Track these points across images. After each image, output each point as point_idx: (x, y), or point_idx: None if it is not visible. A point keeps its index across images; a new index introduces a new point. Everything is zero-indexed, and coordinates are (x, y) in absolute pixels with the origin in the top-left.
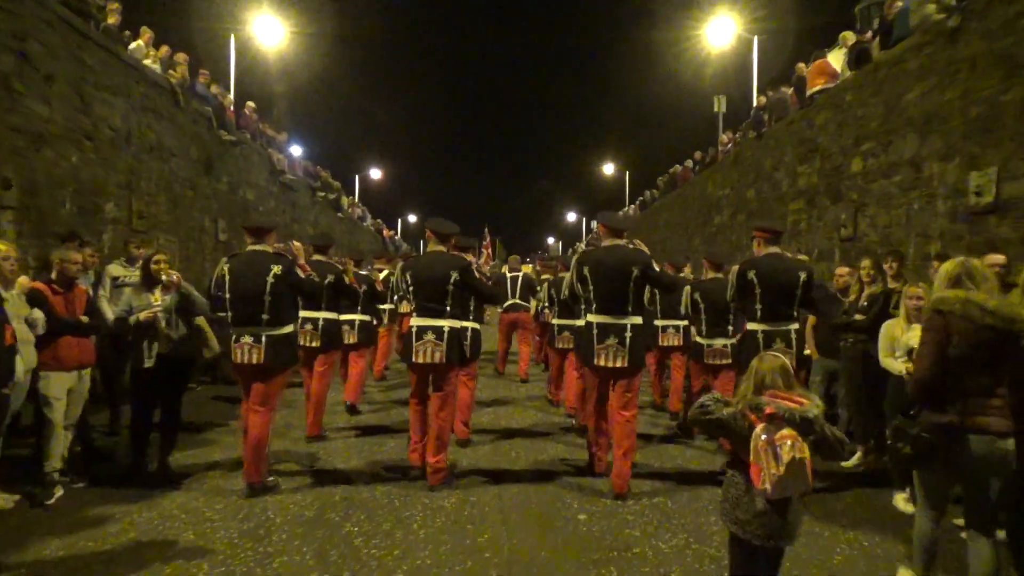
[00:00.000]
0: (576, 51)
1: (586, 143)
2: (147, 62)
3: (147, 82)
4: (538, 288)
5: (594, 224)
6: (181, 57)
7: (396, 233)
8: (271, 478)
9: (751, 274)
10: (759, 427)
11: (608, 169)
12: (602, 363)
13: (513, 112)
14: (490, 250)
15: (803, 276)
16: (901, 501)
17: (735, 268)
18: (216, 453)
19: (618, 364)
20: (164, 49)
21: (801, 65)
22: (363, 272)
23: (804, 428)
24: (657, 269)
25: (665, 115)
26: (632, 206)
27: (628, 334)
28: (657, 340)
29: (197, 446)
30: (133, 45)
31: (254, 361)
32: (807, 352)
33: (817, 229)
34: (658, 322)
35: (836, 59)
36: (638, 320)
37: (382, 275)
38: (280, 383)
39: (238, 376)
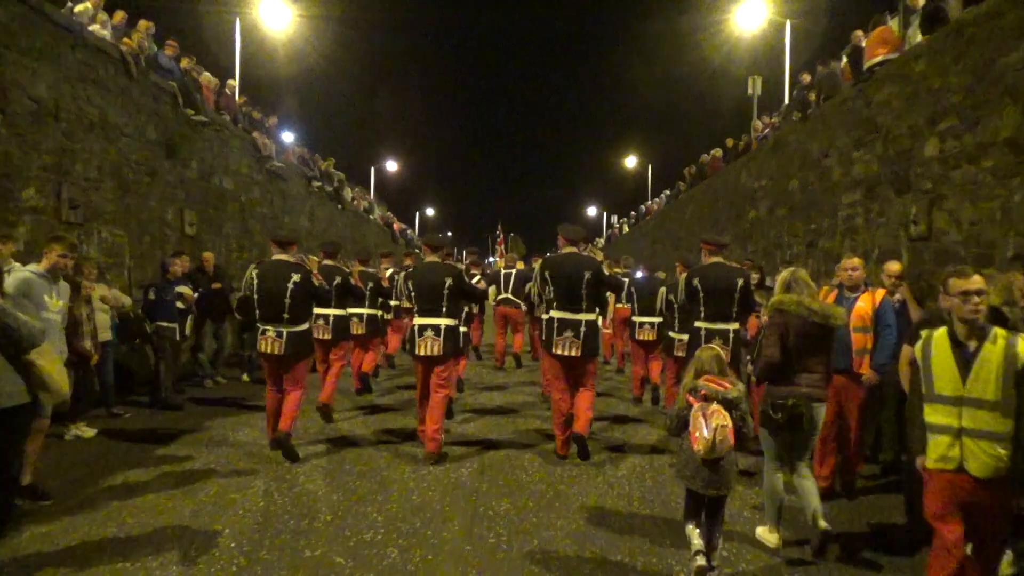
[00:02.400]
0: (596, 39)
1: (608, 135)
2: (95, 27)
3: (86, 48)
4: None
5: (615, 219)
6: (142, 24)
7: (413, 228)
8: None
9: (696, 281)
10: (696, 405)
11: (630, 162)
12: (559, 351)
13: (533, 103)
14: (503, 246)
15: (740, 282)
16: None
17: (683, 275)
18: (80, 528)
19: (572, 353)
20: (120, 15)
21: (858, 33)
22: (370, 270)
23: (727, 405)
24: (607, 273)
25: (692, 104)
26: (655, 200)
27: (583, 329)
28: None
29: (60, 517)
30: (79, 7)
31: (275, 352)
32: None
33: (878, 225)
34: (635, 318)
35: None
36: (592, 316)
37: (388, 273)
38: (303, 367)
39: (263, 363)
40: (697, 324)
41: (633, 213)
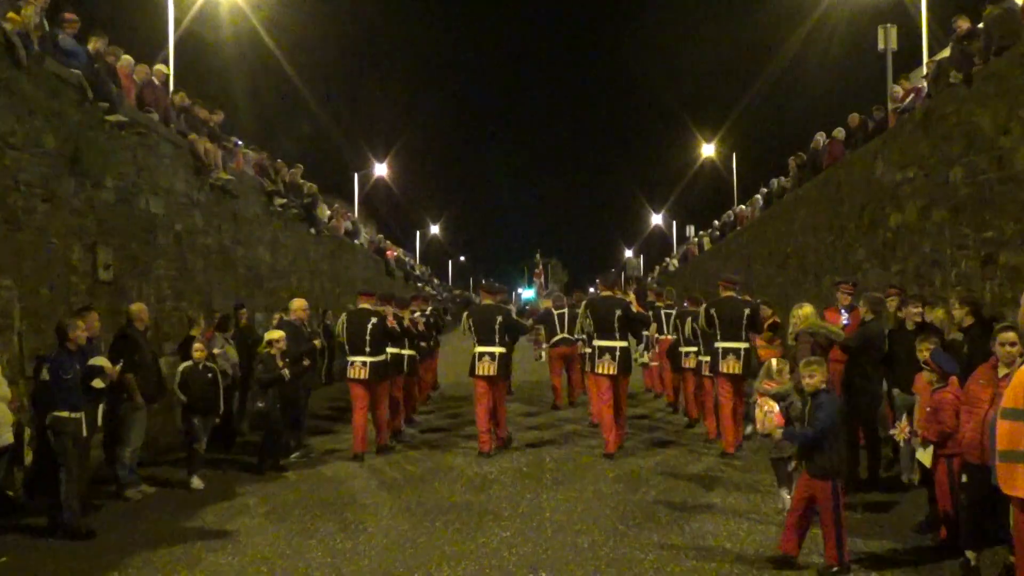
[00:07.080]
0: None
1: (675, 120)
2: None
3: None
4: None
5: (690, 230)
6: None
7: (413, 255)
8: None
9: (712, 311)
10: (759, 399)
11: (707, 150)
12: (600, 370)
13: (571, 74)
14: (542, 278)
15: (747, 311)
16: None
17: (703, 307)
18: None
19: (610, 371)
20: None
21: None
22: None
23: (776, 399)
24: (634, 310)
25: (786, 69)
26: (748, 204)
27: (617, 353)
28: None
29: None
30: None
31: (361, 376)
32: None
33: None
34: (681, 348)
35: None
36: (624, 344)
37: (415, 315)
38: (384, 388)
39: (351, 387)
40: (716, 344)
41: (717, 223)
